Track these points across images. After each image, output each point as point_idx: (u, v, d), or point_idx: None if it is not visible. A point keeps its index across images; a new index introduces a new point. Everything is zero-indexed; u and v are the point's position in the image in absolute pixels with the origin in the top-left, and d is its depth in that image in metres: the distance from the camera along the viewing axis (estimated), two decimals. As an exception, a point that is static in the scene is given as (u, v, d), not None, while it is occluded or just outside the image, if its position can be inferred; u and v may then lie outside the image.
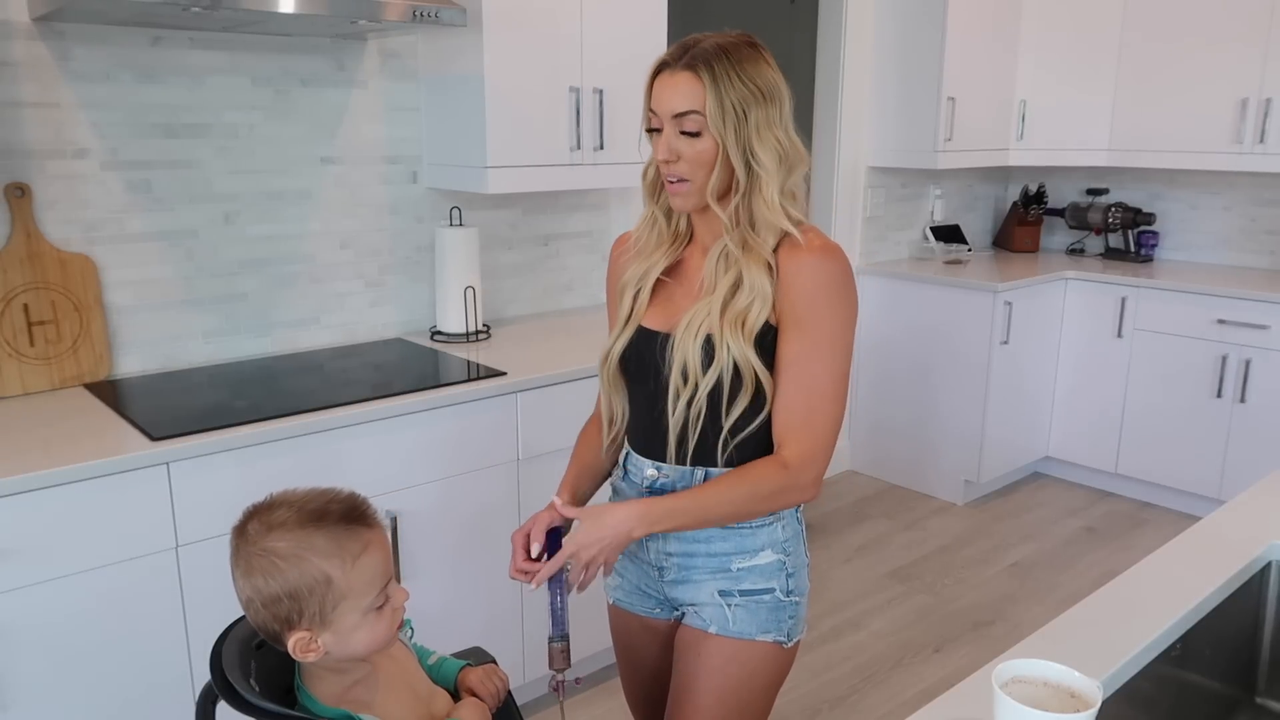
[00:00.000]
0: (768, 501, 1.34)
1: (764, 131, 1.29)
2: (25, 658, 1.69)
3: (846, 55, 3.84)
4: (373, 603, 1.11)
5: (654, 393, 1.39)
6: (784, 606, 1.41)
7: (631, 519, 1.31)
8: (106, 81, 2.16)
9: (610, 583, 1.57)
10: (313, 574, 1.07)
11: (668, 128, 1.31)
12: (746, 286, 1.31)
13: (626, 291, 1.44)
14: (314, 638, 1.08)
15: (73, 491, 1.69)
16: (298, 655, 1.09)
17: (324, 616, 1.08)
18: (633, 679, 1.62)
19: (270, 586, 1.08)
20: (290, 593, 1.07)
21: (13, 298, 2.08)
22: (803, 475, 1.33)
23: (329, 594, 1.08)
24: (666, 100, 1.31)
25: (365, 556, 1.10)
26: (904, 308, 3.99)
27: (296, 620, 1.08)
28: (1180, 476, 3.84)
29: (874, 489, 4.14)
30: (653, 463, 1.41)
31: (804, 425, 1.33)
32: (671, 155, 1.31)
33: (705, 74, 1.27)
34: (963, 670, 2.71)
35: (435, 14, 2.15)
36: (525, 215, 2.97)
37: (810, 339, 1.31)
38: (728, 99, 1.27)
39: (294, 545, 1.08)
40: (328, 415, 2.00)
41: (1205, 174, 4.17)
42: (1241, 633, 1.44)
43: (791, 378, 1.32)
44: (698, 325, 1.33)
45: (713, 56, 1.28)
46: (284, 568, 1.07)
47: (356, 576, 1.09)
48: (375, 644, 1.13)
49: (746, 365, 1.31)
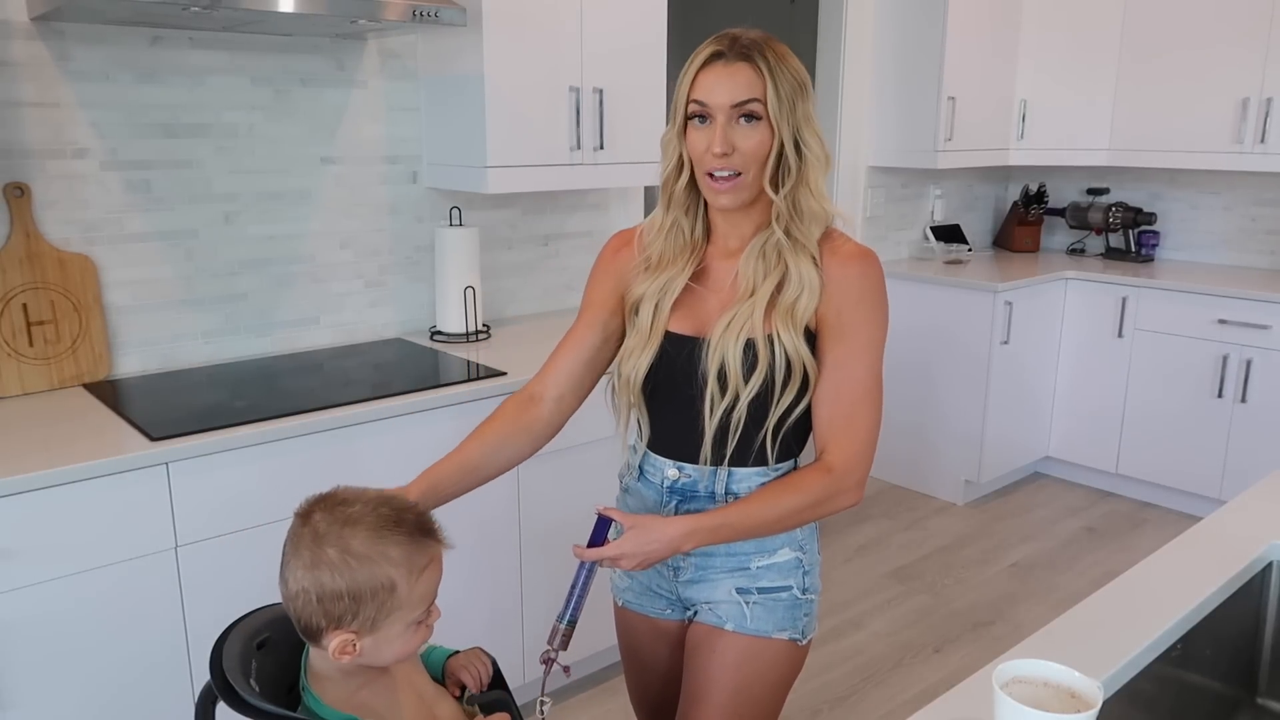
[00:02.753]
0: (815, 510, 1.34)
1: (810, 122, 1.31)
2: (25, 658, 1.69)
3: (846, 55, 3.84)
4: (419, 617, 1.11)
5: (688, 398, 1.36)
6: (800, 604, 1.42)
7: (682, 535, 1.29)
8: (106, 81, 2.16)
9: (619, 585, 1.56)
10: (380, 579, 1.06)
11: (722, 119, 1.28)
12: (795, 279, 1.31)
13: (645, 305, 1.38)
14: (357, 640, 1.08)
15: (73, 491, 1.69)
16: (334, 656, 1.08)
17: (376, 623, 1.07)
18: (640, 682, 1.61)
19: (335, 583, 1.05)
20: (353, 593, 1.06)
21: (12, 298, 2.07)
22: (848, 479, 1.33)
23: (389, 602, 1.07)
24: (726, 90, 1.27)
25: (429, 572, 1.11)
26: (904, 308, 3.99)
27: (348, 621, 1.07)
28: (1181, 476, 3.84)
29: (874, 489, 4.14)
30: (674, 463, 1.40)
31: (847, 430, 1.33)
32: (727, 147, 1.28)
33: (762, 64, 1.27)
34: (963, 670, 2.71)
35: (435, 14, 2.14)
36: (525, 215, 2.97)
37: (852, 344, 1.32)
38: (783, 89, 1.27)
39: (370, 546, 1.06)
40: (328, 415, 2.00)
41: (1206, 174, 4.17)
42: (1242, 633, 1.43)
43: (833, 383, 1.33)
44: (739, 328, 1.31)
45: (764, 47, 1.28)
46: (355, 567, 1.06)
47: (417, 590, 1.09)
48: (405, 655, 1.14)
49: (797, 358, 1.30)
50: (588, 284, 1.50)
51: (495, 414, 1.45)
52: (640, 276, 1.41)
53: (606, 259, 1.49)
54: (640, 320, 1.38)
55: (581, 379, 1.47)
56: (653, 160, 2.68)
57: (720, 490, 1.38)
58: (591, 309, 1.47)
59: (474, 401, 2.21)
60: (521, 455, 1.45)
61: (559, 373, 1.46)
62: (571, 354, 1.47)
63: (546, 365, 1.48)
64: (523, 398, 1.46)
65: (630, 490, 1.49)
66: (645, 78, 2.69)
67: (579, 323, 1.48)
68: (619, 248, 1.48)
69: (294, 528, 1.11)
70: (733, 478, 1.37)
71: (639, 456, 1.47)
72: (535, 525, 2.37)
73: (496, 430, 1.43)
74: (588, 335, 1.46)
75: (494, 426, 1.43)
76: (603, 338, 1.46)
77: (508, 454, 1.43)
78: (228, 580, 1.87)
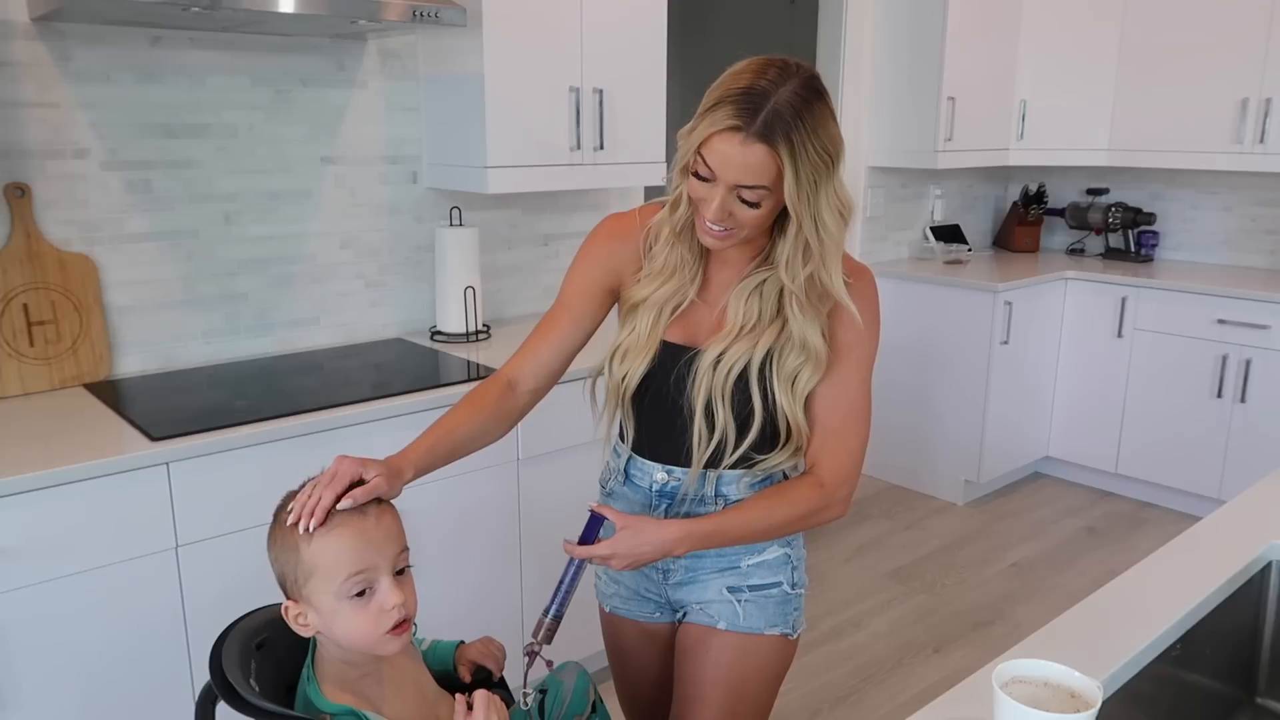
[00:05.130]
0: (804, 522, 1.35)
1: (830, 199, 1.21)
2: (25, 658, 1.69)
3: (846, 55, 3.84)
4: (345, 588, 1.09)
5: (676, 406, 1.36)
6: (790, 599, 1.43)
7: (675, 539, 1.28)
8: (106, 81, 2.16)
9: (604, 591, 1.56)
10: (287, 548, 1.12)
11: (725, 191, 1.20)
12: (797, 345, 1.30)
13: (646, 310, 1.36)
14: (303, 613, 1.13)
15: (73, 491, 1.69)
16: (293, 626, 1.14)
17: (300, 589, 1.12)
18: (629, 686, 1.61)
19: (270, 554, 1.15)
20: (279, 565, 1.14)
21: (12, 298, 2.08)
22: (838, 493, 1.34)
23: (298, 569, 1.11)
24: (734, 172, 1.18)
25: (331, 536, 1.10)
26: (904, 308, 3.99)
27: (291, 591, 1.14)
28: (1180, 476, 3.84)
29: (874, 489, 4.14)
30: (663, 466, 1.40)
31: (838, 444, 1.34)
32: (723, 216, 1.22)
33: (784, 149, 1.15)
34: (963, 670, 2.71)
35: (435, 14, 2.14)
36: (525, 215, 2.97)
37: (847, 361, 1.33)
38: (804, 175, 1.17)
39: (281, 522, 1.14)
40: (328, 415, 2.00)
41: (1205, 174, 4.17)
42: (1241, 633, 1.44)
43: (827, 398, 1.33)
44: (730, 363, 1.30)
45: (791, 124, 1.15)
46: (275, 536, 1.14)
47: (319, 553, 1.10)
48: (357, 638, 1.11)
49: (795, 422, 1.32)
50: (573, 269, 1.45)
51: (479, 395, 1.40)
52: (643, 281, 1.38)
53: (598, 245, 1.44)
54: (639, 326, 1.37)
55: (557, 372, 1.46)
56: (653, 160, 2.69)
57: (710, 492, 1.39)
58: (577, 301, 1.43)
59: (474, 401, 2.21)
60: (494, 439, 1.42)
61: (539, 364, 1.44)
62: (553, 348, 1.44)
63: (525, 352, 1.44)
64: (502, 383, 1.42)
65: (614, 494, 1.48)
66: (645, 78, 2.68)
67: (561, 313, 1.44)
68: (611, 236, 1.43)
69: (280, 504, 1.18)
70: (722, 480, 1.38)
71: (623, 460, 1.46)
72: (535, 525, 2.37)
73: (484, 413, 1.39)
74: (570, 330, 1.43)
75: (482, 409, 1.39)
76: (585, 332, 1.45)
77: (488, 438, 1.41)
78: (228, 580, 1.87)
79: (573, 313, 1.43)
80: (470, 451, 1.38)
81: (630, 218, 1.43)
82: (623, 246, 1.41)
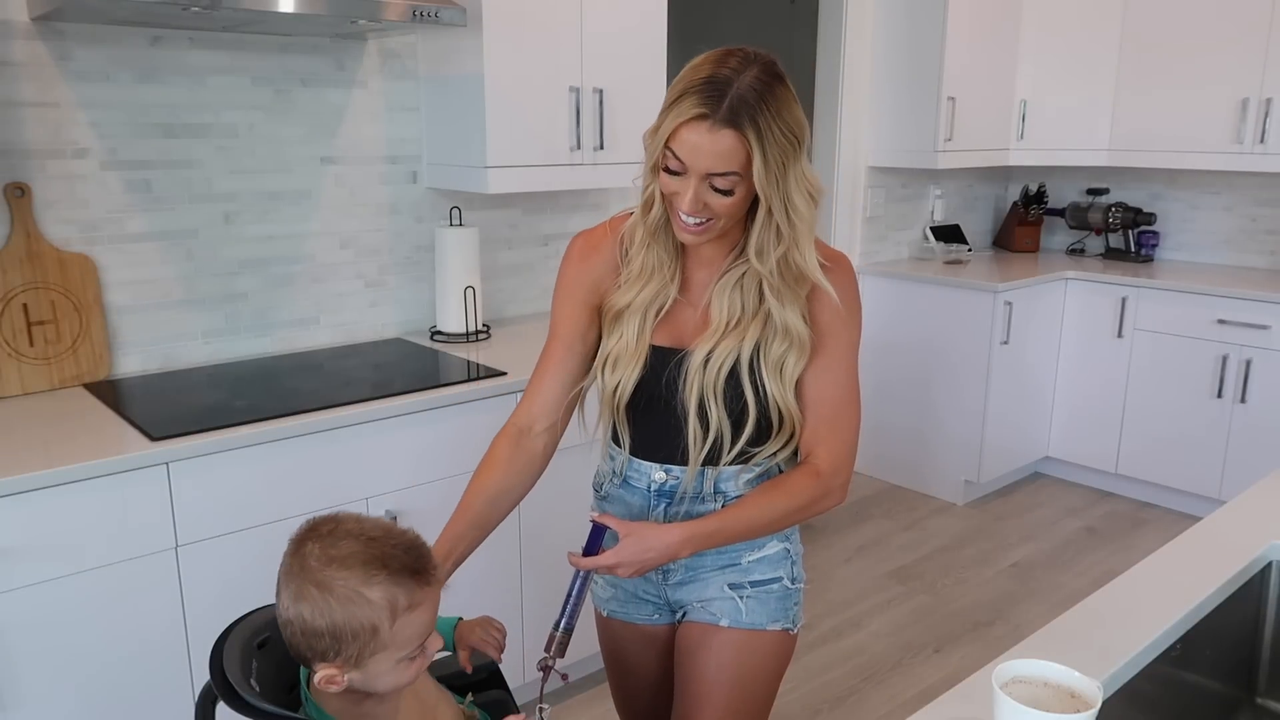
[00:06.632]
0: (805, 512, 1.35)
1: (799, 180, 1.23)
2: (25, 658, 1.69)
3: (846, 55, 3.84)
4: (409, 654, 1.10)
5: (670, 408, 1.36)
6: (790, 594, 1.44)
7: (680, 542, 1.29)
8: (106, 81, 2.16)
9: (601, 595, 1.55)
10: (360, 621, 1.05)
11: (696, 180, 1.21)
12: (780, 330, 1.30)
13: (631, 317, 1.35)
14: (341, 674, 1.08)
15: (73, 491, 1.69)
16: (320, 685, 1.08)
17: (360, 661, 1.07)
18: (626, 690, 1.61)
19: (316, 621, 1.06)
20: (334, 632, 1.05)
21: (12, 298, 2.08)
22: (835, 481, 1.35)
23: (371, 643, 1.06)
24: (705, 160, 1.19)
25: (413, 614, 1.08)
26: (904, 308, 3.99)
27: (331, 657, 1.07)
28: (1180, 476, 3.84)
29: (874, 489, 4.14)
30: (661, 466, 1.40)
31: (832, 432, 1.35)
32: (698, 206, 1.23)
33: (751, 133, 1.17)
34: (963, 670, 2.71)
35: (435, 14, 2.15)
36: (525, 215, 2.97)
37: (833, 349, 1.34)
38: (773, 158, 1.19)
39: (350, 587, 1.05)
40: (328, 415, 2.00)
41: (1206, 174, 4.17)
42: (1241, 633, 1.44)
43: (817, 387, 1.34)
44: (720, 361, 1.31)
45: (756, 108, 1.16)
46: (335, 608, 1.05)
47: (401, 632, 1.07)
48: (399, 686, 1.12)
49: (789, 412, 1.33)
50: (556, 300, 1.45)
51: (489, 460, 1.41)
52: (624, 286, 1.37)
53: (572, 268, 1.43)
54: (625, 333, 1.36)
55: (567, 401, 1.45)
56: (653, 160, 2.69)
57: (709, 489, 1.39)
58: (565, 329, 1.43)
59: (474, 401, 2.21)
60: (523, 495, 1.44)
61: (547, 401, 1.43)
62: (556, 380, 1.43)
63: (531, 394, 1.44)
64: (513, 434, 1.43)
65: (611, 498, 1.47)
66: (645, 78, 2.69)
67: (555, 345, 1.44)
68: (584, 254, 1.42)
69: (287, 553, 1.10)
70: (721, 476, 1.38)
71: (620, 463, 1.45)
72: (536, 526, 2.37)
73: (496, 482, 1.40)
74: (567, 358, 1.43)
75: (492, 477, 1.40)
76: (581, 356, 1.44)
77: (510, 500, 1.42)
78: (228, 580, 1.87)
79: (565, 341, 1.43)
80: (502, 515, 1.41)
81: (599, 231, 1.44)
82: (598, 260, 1.41)
